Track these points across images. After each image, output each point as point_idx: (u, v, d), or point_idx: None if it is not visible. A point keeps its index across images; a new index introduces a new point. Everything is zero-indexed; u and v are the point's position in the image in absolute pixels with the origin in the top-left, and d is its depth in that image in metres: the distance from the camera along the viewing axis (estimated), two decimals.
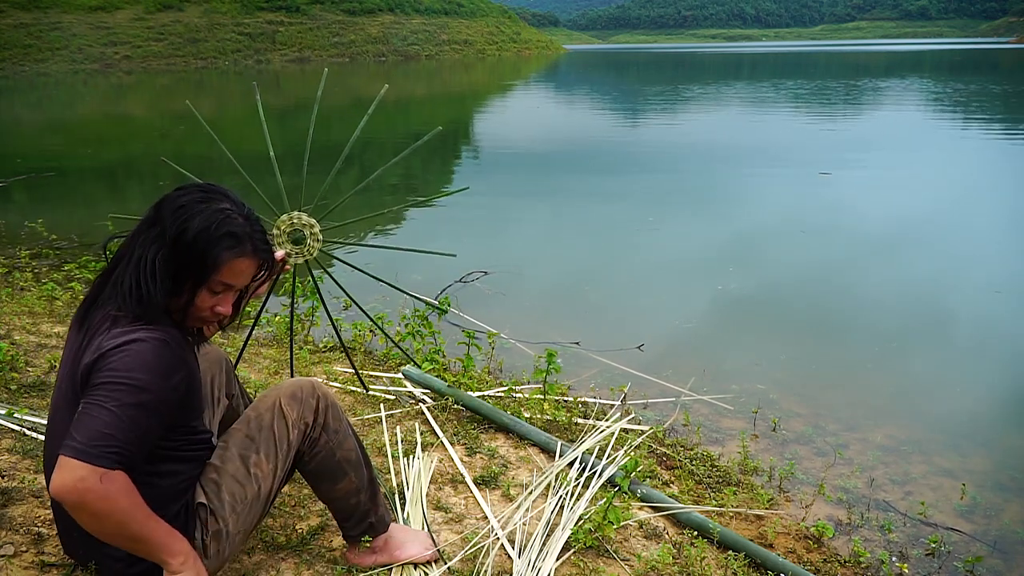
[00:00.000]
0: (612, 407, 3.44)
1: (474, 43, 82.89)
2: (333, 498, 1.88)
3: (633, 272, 5.87)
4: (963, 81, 29.48)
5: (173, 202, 1.54)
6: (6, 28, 55.85)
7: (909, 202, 8.22)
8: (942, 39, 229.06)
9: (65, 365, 1.56)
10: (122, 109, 25.32)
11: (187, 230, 1.51)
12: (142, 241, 1.53)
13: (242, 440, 1.72)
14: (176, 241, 1.50)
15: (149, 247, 1.51)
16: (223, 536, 1.65)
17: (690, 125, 16.77)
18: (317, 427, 1.79)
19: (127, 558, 1.56)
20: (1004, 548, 2.55)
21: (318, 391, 1.80)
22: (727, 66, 52.85)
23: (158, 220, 1.53)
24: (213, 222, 1.53)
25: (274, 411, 1.75)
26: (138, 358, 1.41)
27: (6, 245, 6.34)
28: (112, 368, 1.40)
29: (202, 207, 1.54)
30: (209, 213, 1.53)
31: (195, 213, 1.52)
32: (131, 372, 1.40)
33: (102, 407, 1.37)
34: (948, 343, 4.47)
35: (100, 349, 1.43)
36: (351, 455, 1.85)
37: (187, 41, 61.82)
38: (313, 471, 1.84)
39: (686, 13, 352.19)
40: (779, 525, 2.49)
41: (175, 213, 1.52)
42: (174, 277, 1.52)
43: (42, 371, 3.24)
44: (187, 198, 1.55)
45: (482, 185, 9.72)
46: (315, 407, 1.79)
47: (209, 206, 1.54)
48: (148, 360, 1.42)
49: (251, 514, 1.72)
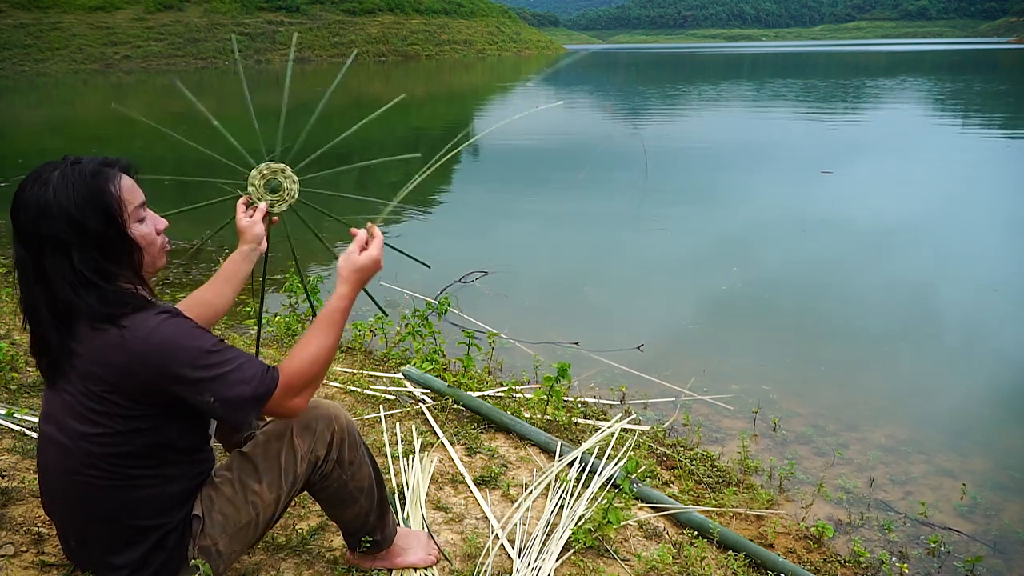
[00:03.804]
0: (612, 407, 3.44)
1: (474, 43, 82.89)
2: (340, 519, 1.85)
3: (633, 272, 5.87)
4: (963, 81, 29.48)
5: (28, 210, 1.37)
6: (6, 28, 55.85)
7: (909, 201, 8.22)
8: (942, 39, 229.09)
9: (80, 379, 1.43)
10: (122, 109, 25.28)
11: (64, 209, 1.36)
12: (47, 267, 1.38)
13: (246, 464, 1.66)
14: (70, 224, 1.36)
15: (57, 260, 1.37)
16: (212, 553, 1.60)
17: (690, 124, 16.76)
18: (329, 461, 1.71)
19: (128, 566, 1.54)
20: (1004, 548, 2.55)
21: (334, 423, 1.71)
22: (728, 66, 52.84)
23: (36, 238, 1.37)
24: (69, 181, 1.37)
25: (284, 441, 1.67)
26: (175, 338, 1.39)
27: (6, 245, 6.34)
28: (173, 357, 1.38)
29: (46, 190, 1.37)
30: (55, 184, 1.37)
31: (52, 196, 1.36)
32: (189, 344, 1.40)
33: (214, 380, 1.40)
34: (948, 343, 4.47)
35: (139, 352, 1.37)
36: (363, 484, 1.79)
37: (187, 41, 61.80)
38: (322, 498, 1.79)
39: (686, 13, 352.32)
40: (779, 525, 2.49)
41: (40, 214, 1.36)
42: (100, 251, 1.39)
43: None
44: (29, 193, 1.38)
45: (482, 184, 9.73)
46: (328, 440, 1.70)
47: (44, 185, 1.37)
48: (178, 330, 1.41)
49: (246, 537, 1.66)
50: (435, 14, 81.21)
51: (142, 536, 1.53)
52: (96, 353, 1.39)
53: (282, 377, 1.47)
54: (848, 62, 56.82)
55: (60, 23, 58.68)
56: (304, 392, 1.51)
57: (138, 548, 1.53)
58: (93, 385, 1.40)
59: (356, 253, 1.65)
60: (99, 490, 1.47)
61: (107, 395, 1.41)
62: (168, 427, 1.49)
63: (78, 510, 1.51)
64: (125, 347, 1.38)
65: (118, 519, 1.50)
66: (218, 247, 5.59)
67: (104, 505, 1.49)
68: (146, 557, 1.54)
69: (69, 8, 60.31)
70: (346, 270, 1.63)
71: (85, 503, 1.49)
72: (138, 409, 1.43)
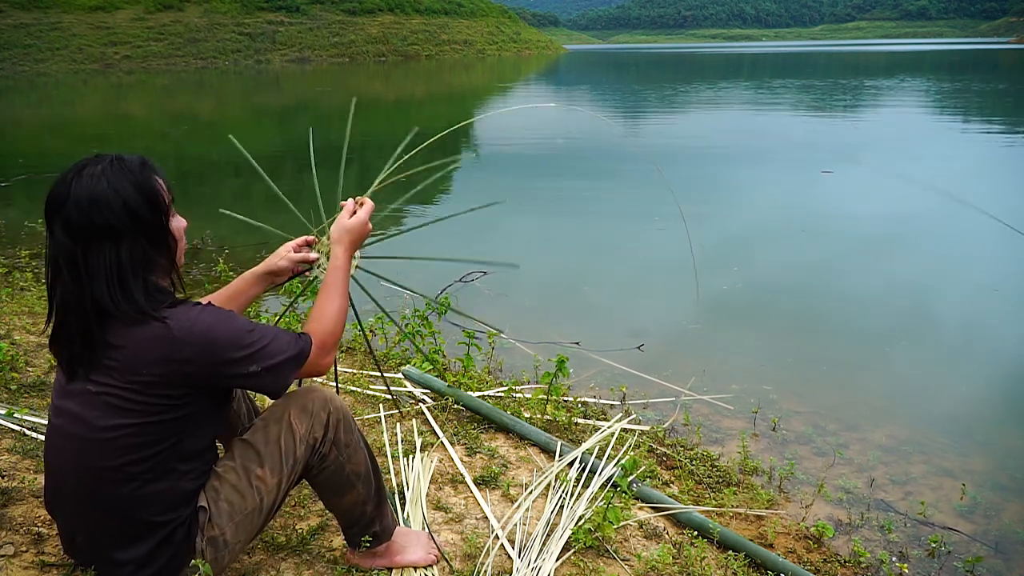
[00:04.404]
0: (612, 407, 3.44)
1: (474, 43, 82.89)
2: (338, 508, 1.86)
3: (633, 272, 5.87)
4: (963, 81, 29.47)
5: (80, 202, 1.42)
6: (6, 28, 55.88)
7: (909, 201, 8.22)
8: (942, 39, 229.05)
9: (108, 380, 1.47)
10: (122, 109, 25.31)
11: (120, 197, 1.43)
12: (93, 258, 1.43)
13: (248, 451, 1.69)
14: (127, 212, 1.44)
15: (106, 249, 1.43)
16: (220, 543, 1.63)
17: (690, 124, 16.76)
18: (327, 442, 1.75)
19: (134, 562, 1.55)
20: (1004, 548, 2.55)
21: (330, 404, 1.76)
22: (727, 66, 52.84)
23: (86, 229, 1.42)
24: (120, 174, 1.45)
25: (282, 424, 1.71)
26: (217, 324, 1.49)
27: (6, 245, 6.35)
28: (218, 342, 1.48)
29: (99, 181, 1.43)
30: (108, 177, 1.44)
31: (107, 187, 1.43)
32: (230, 327, 1.50)
33: (257, 353, 1.51)
34: (948, 343, 4.47)
35: (185, 345, 1.45)
36: (360, 468, 1.82)
37: (187, 41, 61.82)
38: (320, 483, 1.81)
39: (686, 13, 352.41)
40: (779, 525, 2.49)
41: (94, 204, 1.41)
42: (149, 240, 1.48)
43: (42, 371, 3.24)
44: (79, 186, 1.43)
45: (482, 184, 9.73)
46: (325, 421, 1.75)
47: (94, 178, 1.43)
48: (219, 317, 1.50)
49: (251, 525, 1.69)
50: (435, 14, 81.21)
51: (151, 531, 1.55)
52: (139, 345, 1.44)
53: (314, 339, 1.63)
54: (848, 62, 56.81)
55: (60, 23, 58.70)
56: (333, 349, 1.68)
57: (146, 543, 1.55)
58: (136, 376, 1.45)
59: (346, 218, 1.84)
60: (116, 484, 1.50)
61: (149, 387, 1.46)
62: (198, 419, 1.56)
63: (90, 504, 1.53)
64: (172, 337, 1.44)
65: (131, 514, 1.53)
66: (218, 247, 5.60)
67: (119, 499, 1.51)
68: (152, 553, 1.56)
69: (69, 8, 60.32)
70: (337, 232, 1.82)
71: (99, 497, 1.51)
72: (179, 399, 1.50)
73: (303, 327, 1.68)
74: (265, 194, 2.77)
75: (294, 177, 9.46)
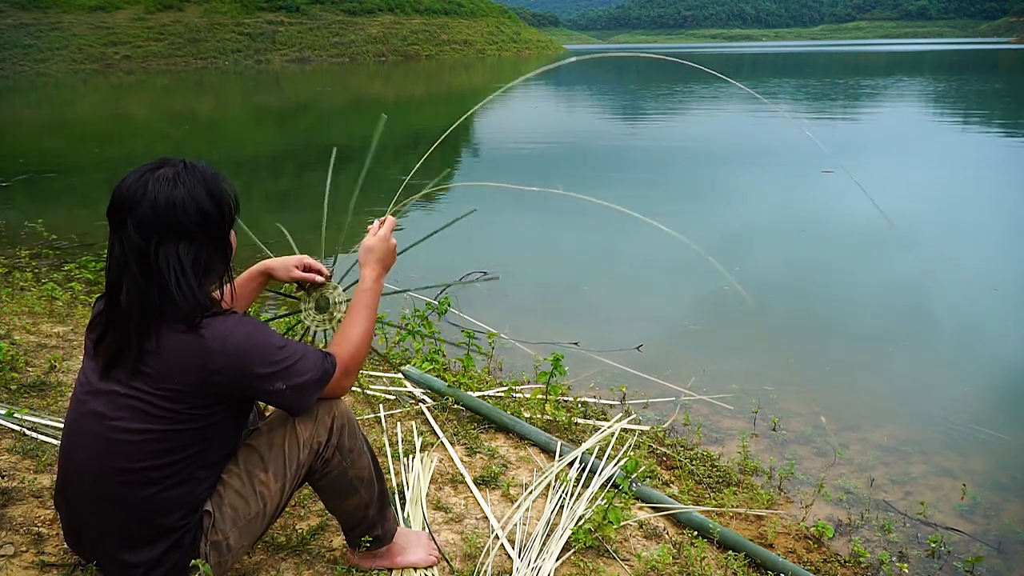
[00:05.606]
0: (612, 407, 3.44)
1: (474, 43, 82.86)
2: (340, 511, 1.86)
3: (633, 272, 5.87)
4: (962, 81, 29.47)
5: (158, 204, 1.45)
6: (6, 28, 55.86)
7: (909, 200, 8.21)
8: (942, 39, 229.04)
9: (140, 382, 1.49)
10: (122, 109, 25.32)
11: (196, 201, 1.48)
12: (162, 256, 1.46)
13: (252, 455, 1.69)
14: (201, 215, 1.48)
15: (173, 249, 1.46)
16: (223, 548, 1.63)
17: (689, 124, 16.75)
18: (330, 447, 1.74)
19: (144, 564, 1.55)
20: (1004, 548, 2.55)
21: (334, 409, 1.75)
22: (727, 66, 52.81)
23: (159, 229, 1.46)
24: (196, 180, 1.50)
25: (287, 428, 1.70)
26: (251, 337, 1.51)
27: (6, 245, 6.34)
28: (250, 356, 1.50)
29: (175, 184, 1.47)
30: (183, 182, 1.48)
31: (185, 191, 1.47)
32: (262, 342, 1.53)
33: (285, 371, 1.54)
34: (948, 342, 4.47)
35: (220, 354, 1.47)
36: (363, 473, 1.81)
37: (187, 41, 61.80)
38: (323, 487, 1.80)
39: (686, 13, 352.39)
40: (779, 525, 2.49)
41: (171, 207, 1.45)
42: (215, 244, 1.53)
43: (42, 371, 3.24)
44: (156, 189, 1.46)
45: (483, 184, 9.69)
46: (329, 426, 1.73)
47: (171, 182, 1.47)
48: (253, 330, 1.53)
49: (254, 529, 1.69)
50: (435, 14, 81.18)
51: (164, 536, 1.55)
52: (174, 353, 1.47)
53: (339, 361, 1.65)
54: (848, 62, 56.78)
55: (60, 23, 58.68)
56: (355, 372, 1.71)
57: (157, 547, 1.55)
58: (168, 384, 1.47)
59: (369, 239, 1.87)
60: (136, 487, 1.50)
61: (180, 395, 1.48)
62: (222, 429, 1.59)
63: (107, 504, 1.53)
64: (207, 347, 1.47)
65: (148, 517, 1.53)
66: None
67: (137, 502, 1.51)
68: (162, 556, 1.56)
69: (69, 8, 60.30)
70: (362, 254, 1.86)
71: (117, 498, 1.51)
72: (206, 409, 1.51)
73: (329, 346, 1.70)
74: (265, 194, 2.77)
75: (294, 177, 9.45)
